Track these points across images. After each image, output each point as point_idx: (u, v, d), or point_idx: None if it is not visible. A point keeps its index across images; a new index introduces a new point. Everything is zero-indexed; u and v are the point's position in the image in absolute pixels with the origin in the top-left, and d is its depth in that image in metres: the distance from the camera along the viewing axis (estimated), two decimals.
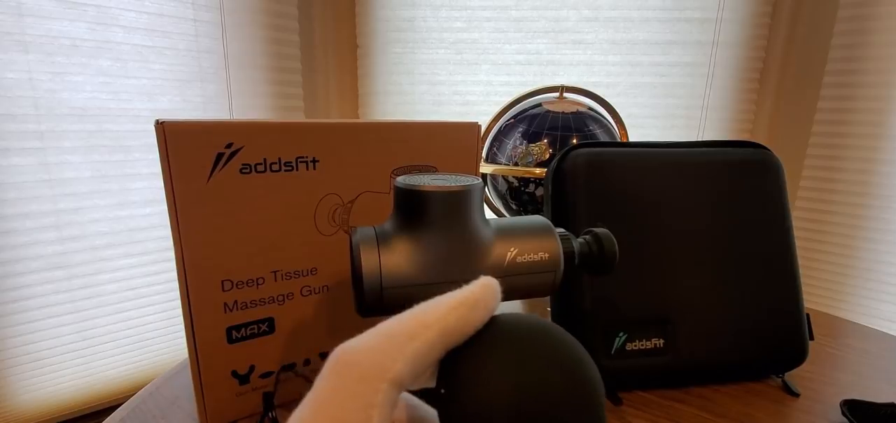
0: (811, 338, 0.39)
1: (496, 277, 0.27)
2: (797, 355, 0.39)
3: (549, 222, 0.29)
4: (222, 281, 0.30)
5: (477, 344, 0.15)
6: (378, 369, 0.13)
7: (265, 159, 0.30)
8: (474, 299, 0.15)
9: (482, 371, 0.14)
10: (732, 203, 0.39)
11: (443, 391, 0.15)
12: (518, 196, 0.55)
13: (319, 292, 0.34)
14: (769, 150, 0.40)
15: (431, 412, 0.16)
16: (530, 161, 0.53)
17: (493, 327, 0.15)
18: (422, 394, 0.17)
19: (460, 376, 0.14)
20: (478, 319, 0.15)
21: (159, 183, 1.02)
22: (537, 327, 0.15)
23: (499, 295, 0.16)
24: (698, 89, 1.15)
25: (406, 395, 0.17)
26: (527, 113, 0.56)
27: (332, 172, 0.32)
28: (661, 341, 0.37)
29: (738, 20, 1.11)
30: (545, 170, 0.50)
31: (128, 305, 1.04)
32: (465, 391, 0.14)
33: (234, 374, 0.32)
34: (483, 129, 0.40)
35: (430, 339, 0.14)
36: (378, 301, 0.25)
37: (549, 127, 0.53)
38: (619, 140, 0.56)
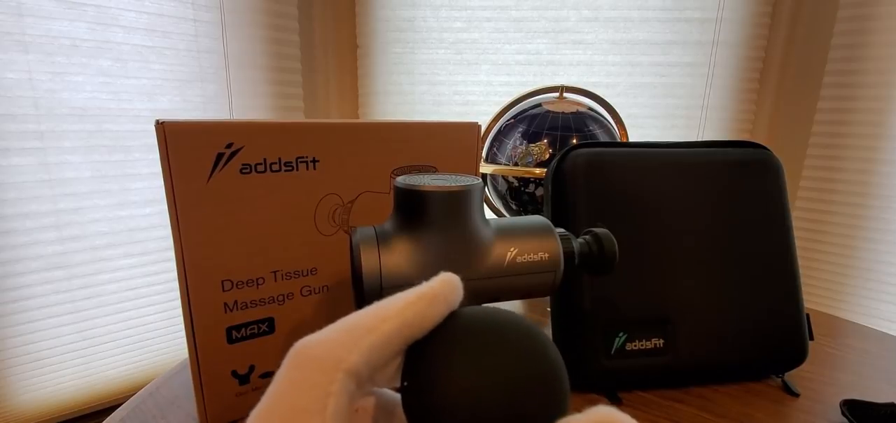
0: (811, 338, 0.39)
1: (496, 277, 0.27)
2: (797, 355, 0.39)
3: (549, 222, 0.29)
4: (222, 281, 0.30)
5: (437, 338, 0.15)
6: (334, 359, 0.13)
7: (265, 159, 0.30)
8: (433, 294, 0.15)
9: (441, 364, 0.14)
10: (732, 203, 0.39)
11: (406, 383, 0.15)
12: (518, 196, 0.55)
13: (319, 292, 0.34)
14: (769, 150, 0.40)
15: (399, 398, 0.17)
16: (530, 161, 0.53)
17: (455, 320, 0.16)
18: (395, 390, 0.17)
19: (421, 369, 0.15)
20: (437, 313, 0.15)
21: (159, 183, 1.02)
22: (496, 319, 0.16)
23: (460, 290, 0.16)
24: (698, 89, 1.15)
25: (377, 390, 0.17)
26: (527, 113, 0.56)
27: (332, 172, 0.32)
28: (661, 341, 0.37)
29: (738, 20, 1.11)
30: (545, 170, 0.50)
31: (128, 305, 1.04)
32: (426, 384, 0.14)
33: (234, 374, 0.32)
34: (483, 129, 0.40)
35: (387, 332, 0.14)
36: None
37: (549, 127, 0.53)
38: (619, 140, 0.56)
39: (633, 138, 1.14)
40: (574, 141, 0.52)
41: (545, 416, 0.14)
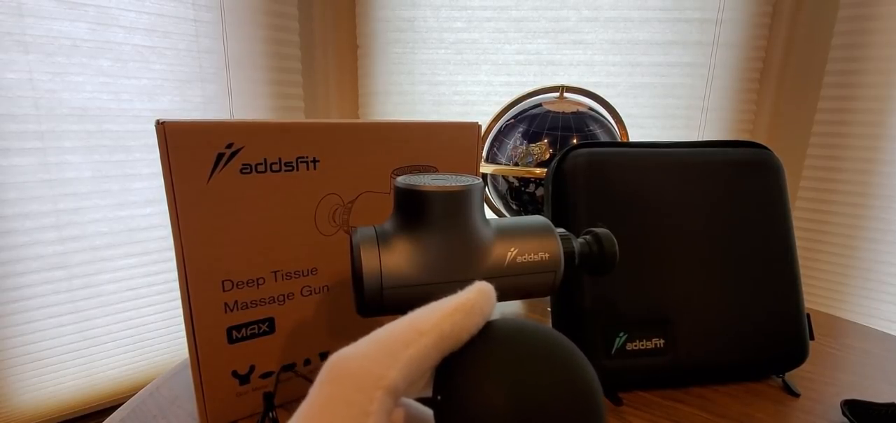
0: (811, 338, 0.39)
1: (496, 277, 0.27)
2: (797, 355, 0.39)
3: (549, 222, 0.29)
4: (222, 281, 0.30)
5: (473, 351, 0.15)
6: (373, 377, 0.13)
7: (265, 159, 0.30)
8: (470, 305, 0.15)
9: (479, 378, 0.14)
10: (733, 203, 0.39)
11: (439, 397, 0.15)
12: (518, 196, 0.55)
13: (320, 292, 0.34)
14: (769, 150, 0.40)
15: (428, 412, 0.16)
16: (530, 161, 0.53)
17: (490, 333, 0.15)
18: (420, 401, 0.17)
19: (457, 383, 0.14)
20: (473, 324, 0.15)
21: (159, 183, 1.02)
22: (534, 333, 0.15)
23: (494, 300, 0.16)
24: (698, 89, 1.15)
25: (405, 400, 0.17)
26: (527, 113, 0.56)
27: (333, 172, 0.32)
28: (661, 341, 0.37)
29: (738, 20, 1.11)
30: (545, 170, 0.50)
31: (128, 305, 1.04)
32: (463, 399, 0.14)
33: (235, 374, 0.32)
34: (483, 129, 0.40)
35: (425, 346, 0.14)
36: (378, 301, 0.25)
37: (550, 127, 0.53)
38: (619, 140, 0.56)
39: (633, 138, 1.14)
40: (574, 141, 0.52)
41: None
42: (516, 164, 0.54)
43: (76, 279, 0.97)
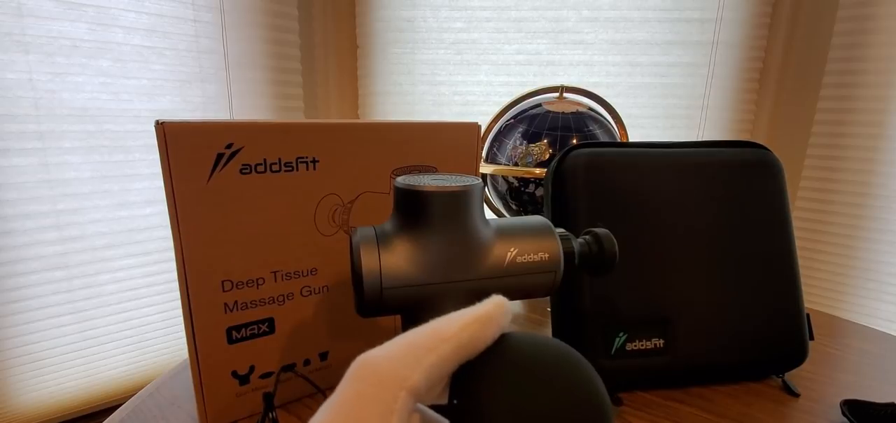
0: (811, 338, 0.39)
1: (496, 277, 0.27)
2: (797, 355, 0.39)
3: (548, 223, 0.29)
4: (222, 281, 0.30)
5: (489, 360, 0.15)
6: (398, 377, 0.14)
7: (265, 160, 0.30)
8: (487, 316, 0.16)
9: (494, 387, 0.15)
10: (732, 203, 0.39)
11: (455, 402, 0.15)
12: (518, 196, 0.55)
13: (319, 292, 0.34)
14: (769, 150, 0.40)
15: (442, 420, 0.17)
16: (530, 161, 0.53)
17: (505, 343, 0.16)
18: (434, 408, 0.17)
19: (474, 389, 0.15)
20: (489, 335, 0.16)
21: (159, 183, 1.02)
22: (546, 346, 0.16)
23: (509, 313, 0.17)
24: (698, 89, 1.15)
25: (420, 406, 0.17)
26: (527, 113, 0.56)
27: (332, 172, 0.32)
28: (661, 341, 0.37)
29: (738, 20, 1.11)
30: (545, 170, 0.50)
31: (128, 305, 1.04)
32: (479, 404, 0.15)
33: (234, 374, 0.32)
34: (483, 129, 0.40)
35: (445, 352, 0.15)
36: (378, 302, 0.25)
37: (549, 127, 0.53)
38: (619, 140, 0.56)
39: (633, 138, 1.14)
40: (574, 141, 0.52)
41: None
42: (516, 164, 0.54)
43: (76, 279, 0.97)
